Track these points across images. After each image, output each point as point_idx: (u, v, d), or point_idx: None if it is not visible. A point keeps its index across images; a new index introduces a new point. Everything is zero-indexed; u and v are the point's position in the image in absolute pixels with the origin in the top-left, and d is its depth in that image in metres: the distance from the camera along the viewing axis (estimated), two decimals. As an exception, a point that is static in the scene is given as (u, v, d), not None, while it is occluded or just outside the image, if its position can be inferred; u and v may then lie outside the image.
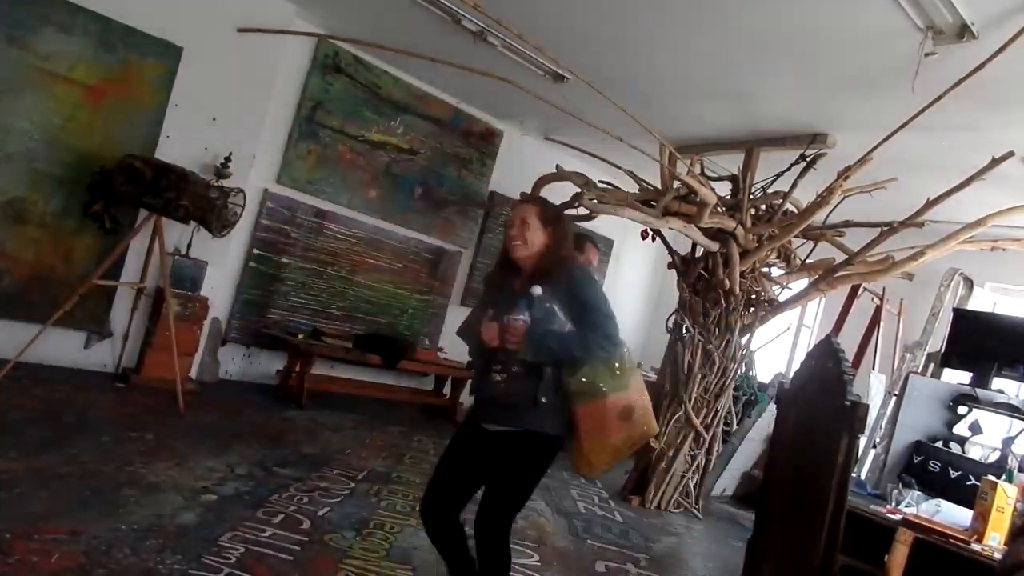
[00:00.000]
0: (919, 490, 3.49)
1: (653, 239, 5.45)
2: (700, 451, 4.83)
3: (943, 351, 4.42)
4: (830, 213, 4.64)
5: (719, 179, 5.19)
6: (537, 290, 2.12)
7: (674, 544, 4.08)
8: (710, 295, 4.85)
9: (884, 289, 5.79)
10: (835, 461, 2.18)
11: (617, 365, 2.15)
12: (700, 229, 4.56)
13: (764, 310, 4.90)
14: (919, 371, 5.13)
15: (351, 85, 5.55)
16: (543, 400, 2.08)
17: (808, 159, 4.83)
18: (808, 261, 5.07)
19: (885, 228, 4.03)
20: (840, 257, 4.64)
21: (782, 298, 4.99)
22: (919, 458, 3.88)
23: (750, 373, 5.57)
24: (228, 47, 4.71)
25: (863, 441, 4.98)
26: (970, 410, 3.99)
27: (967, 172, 3.62)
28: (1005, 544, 2.78)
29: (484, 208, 6.61)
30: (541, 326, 2.08)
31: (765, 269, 5.01)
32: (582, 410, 2.12)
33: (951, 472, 3.72)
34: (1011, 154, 3.50)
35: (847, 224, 4.72)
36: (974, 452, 4.00)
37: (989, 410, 3.91)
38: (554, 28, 4.20)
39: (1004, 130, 3.96)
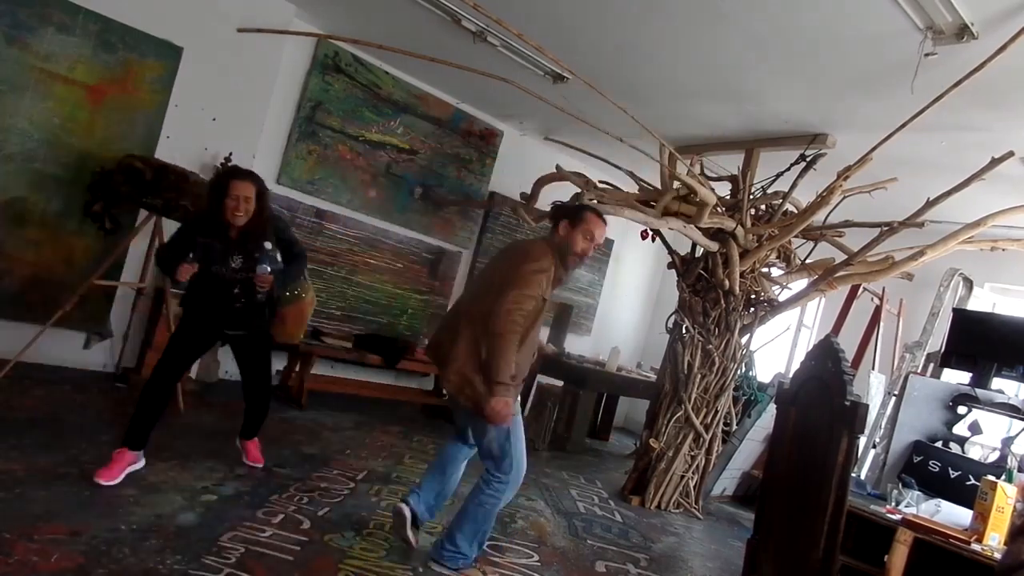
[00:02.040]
0: (919, 490, 3.49)
1: (653, 239, 5.46)
2: (700, 451, 4.83)
3: (943, 351, 4.42)
4: (830, 213, 4.64)
5: (719, 179, 5.19)
6: (268, 246, 3.17)
7: (674, 544, 4.08)
8: (710, 295, 4.85)
9: (884, 289, 5.80)
10: (835, 461, 2.19)
11: (304, 278, 3.60)
12: (700, 229, 4.57)
13: (764, 310, 4.90)
14: (919, 371, 5.13)
15: (351, 85, 5.55)
16: (266, 311, 3.31)
17: (808, 159, 4.83)
18: (808, 261, 5.07)
19: (885, 228, 4.03)
20: (840, 257, 4.64)
21: (782, 298, 4.99)
22: (919, 458, 3.87)
23: (750, 373, 5.57)
24: (228, 47, 4.71)
25: (863, 441, 4.98)
26: (970, 410, 3.99)
27: (967, 172, 3.62)
28: (1005, 544, 2.78)
29: (484, 208, 6.62)
30: (276, 270, 3.19)
31: (765, 269, 5.01)
32: (288, 309, 3.54)
33: (951, 472, 3.71)
34: (1011, 154, 3.50)
35: (847, 224, 4.71)
36: (974, 452, 4.00)
37: (989, 410, 3.90)
38: (554, 28, 4.20)
39: (1004, 130, 3.96)
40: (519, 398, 2.84)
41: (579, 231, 2.78)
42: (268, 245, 3.16)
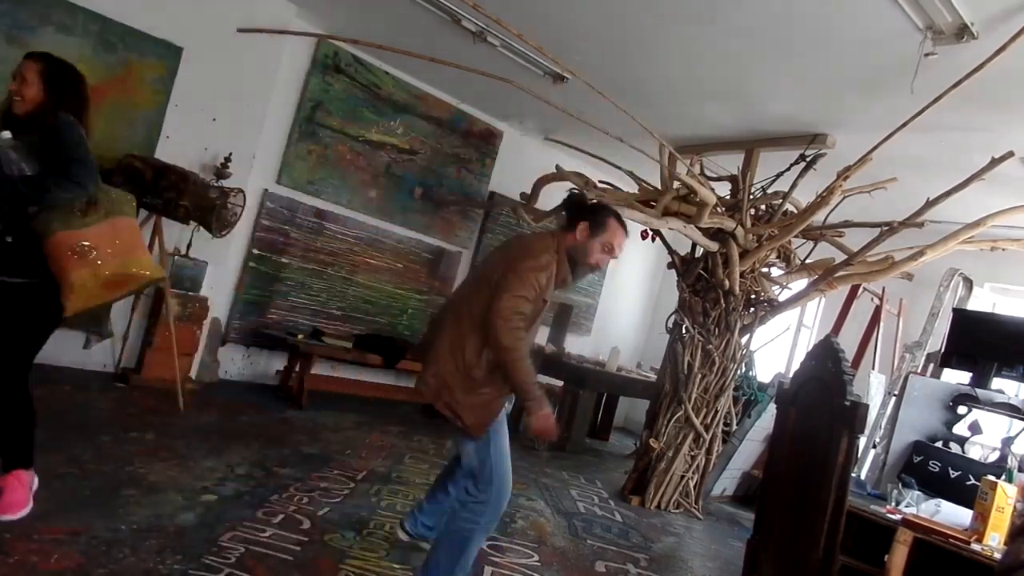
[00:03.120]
0: (919, 490, 3.49)
1: (653, 239, 5.46)
2: (700, 451, 4.83)
3: (943, 351, 4.42)
4: (830, 213, 4.64)
5: (719, 179, 5.19)
6: (5, 135, 2.21)
7: (674, 544, 4.08)
8: (710, 295, 4.85)
9: (884, 289, 5.79)
10: (835, 461, 2.19)
11: (79, 208, 2.30)
12: (700, 229, 4.57)
13: (764, 310, 4.90)
14: (919, 371, 5.13)
15: (351, 85, 5.55)
16: (7, 240, 2.20)
17: (808, 159, 4.83)
18: (808, 261, 5.07)
19: (885, 228, 4.03)
20: (840, 257, 4.65)
21: (782, 298, 4.99)
22: (919, 458, 3.87)
23: (750, 373, 5.57)
24: (228, 47, 4.71)
25: (863, 441, 4.97)
26: (970, 410, 3.99)
27: (967, 172, 3.62)
28: (1005, 544, 2.78)
29: (484, 208, 6.62)
30: None
31: (765, 269, 5.01)
32: (45, 248, 2.25)
33: (951, 472, 3.71)
34: (1011, 154, 3.50)
35: (847, 224, 4.72)
36: (974, 452, 4.00)
37: (989, 410, 3.90)
38: (554, 28, 4.20)
39: (1004, 130, 3.97)
40: (509, 410, 2.60)
41: (599, 240, 2.47)
42: (6, 135, 2.24)
